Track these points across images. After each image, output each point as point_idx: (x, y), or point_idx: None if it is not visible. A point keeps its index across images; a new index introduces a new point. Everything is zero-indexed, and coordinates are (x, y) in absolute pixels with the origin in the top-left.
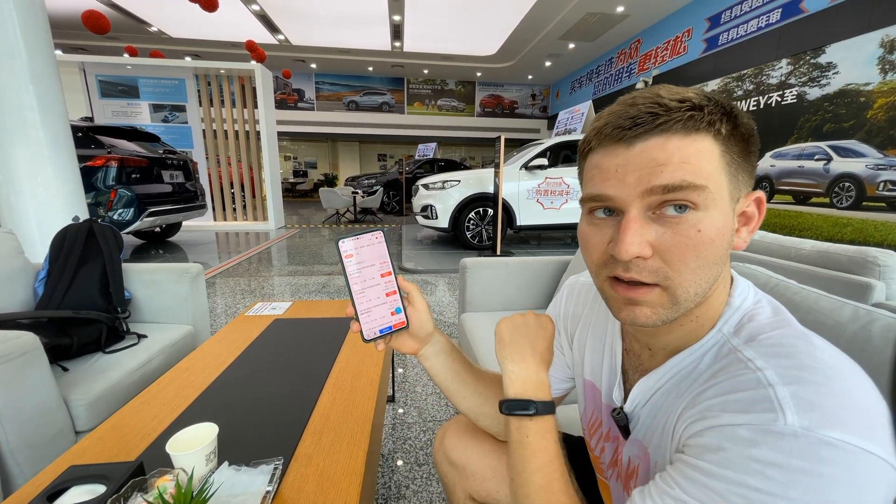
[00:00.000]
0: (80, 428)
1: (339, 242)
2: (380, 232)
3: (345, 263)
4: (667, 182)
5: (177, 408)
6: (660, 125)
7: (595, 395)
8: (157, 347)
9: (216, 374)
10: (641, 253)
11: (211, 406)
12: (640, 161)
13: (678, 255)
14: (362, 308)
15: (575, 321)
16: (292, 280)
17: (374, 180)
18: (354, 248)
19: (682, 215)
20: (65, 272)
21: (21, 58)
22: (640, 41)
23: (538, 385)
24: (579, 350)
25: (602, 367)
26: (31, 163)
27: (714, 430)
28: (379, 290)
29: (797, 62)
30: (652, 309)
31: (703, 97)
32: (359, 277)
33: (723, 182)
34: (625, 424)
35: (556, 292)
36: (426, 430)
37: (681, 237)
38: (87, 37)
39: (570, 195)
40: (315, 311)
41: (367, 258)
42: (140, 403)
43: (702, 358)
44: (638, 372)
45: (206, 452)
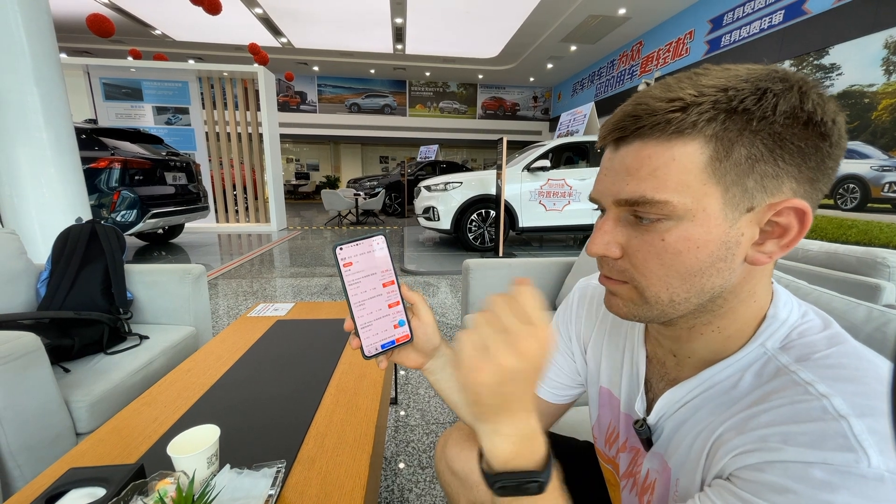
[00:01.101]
0: (81, 430)
1: (337, 249)
2: (381, 237)
3: (343, 273)
4: (627, 197)
5: (178, 409)
6: (638, 130)
7: (613, 405)
8: (158, 349)
9: (218, 376)
10: (606, 253)
11: (213, 408)
12: (617, 167)
13: (641, 260)
14: (362, 322)
15: (589, 327)
16: (294, 282)
17: (376, 182)
18: (354, 255)
19: (652, 223)
20: (67, 273)
21: (25, 59)
22: (641, 43)
23: (530, 439)
24: (594, 357)
25: (621, 374)
26: (35, 164)
27: (777, 465)
28: (381, 301)
29: (800, 64)
30: (624, 301)
31: (703, 92)
32: (358, 288)
33: (708, 191)
34: (647, 437)
35: (567, 295)
36: (429, 432)
37: (644, 244)
38: (91, 40)
39: (572, 197)
40: (317, 313)
41: (368, 266)
42: (141, 405)
43: (742, 374)
44: (664, 381)
45: (207, 455)
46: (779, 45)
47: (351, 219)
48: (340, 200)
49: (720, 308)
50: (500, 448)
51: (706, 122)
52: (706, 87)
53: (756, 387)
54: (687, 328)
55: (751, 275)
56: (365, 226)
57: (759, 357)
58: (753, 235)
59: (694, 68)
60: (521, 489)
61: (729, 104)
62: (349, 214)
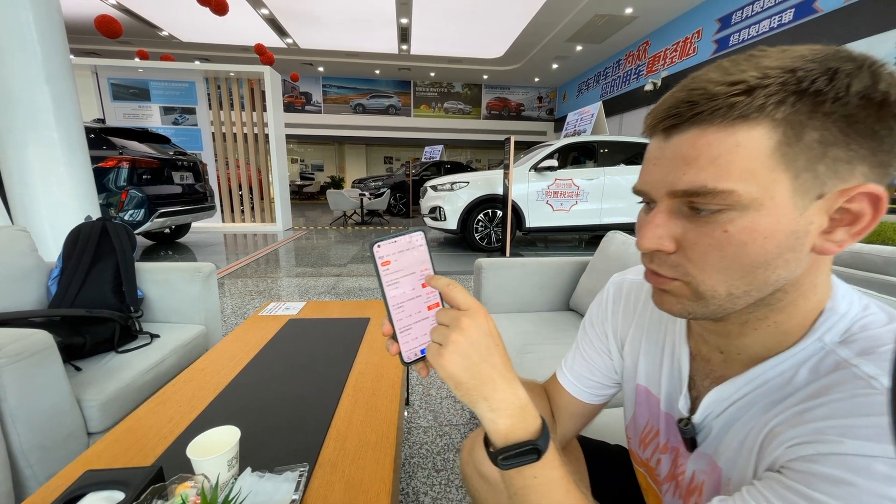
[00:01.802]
0: (93, 429)
1: (374, 246)
2: (421, 233)
3: (380, 272)
4: (685, 188)
5: (193, 409)
6: (696, 116)
7: (651, 403)
8: (169, 347)
9: (232, 375)
10: (659, 247)
11: (228, 408)
12: (670, 157)
13: (699, 254)
14: (401, 325)
15: (626, 323)
16: (301, 281)
17: (381, 182)
18: (392, 252)
19: (712, 214)
20: (78, 270)
21: (36, 58)
22: (648, 43)
23: (523, 411)
24: (632, 355)
25: (661, 372)
26: (45, 163)
27: (834, 458)
28: (420, 302)
29: None
30: (676, 299)
31: (768, 73)
32: (397, 288)
33: (776, 178)
34: (692, 437)
35: (600, 291)
36: (442, 434)
37: (703, 236)
38: (99, 41)
39: (579, 197)
40: (329, 312)
41: (407, 265)
42: (156, 404)
43: (797, 369)
44: (709, 379)
45: (228, 458)
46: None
47: (356, 219)
48: (346, 200)
49: (779, 302)
50: (497, 424)
51: (775, 105)
52: (770, 69)
53: (811, 381)
54: (739, 323)
55: (815, 266)
56: (370, 226)
57: (816, 352)
58: (822, 224)
59: (749, 50)
60: (521, 458)
61: (798, 85)
62: (354, 214)
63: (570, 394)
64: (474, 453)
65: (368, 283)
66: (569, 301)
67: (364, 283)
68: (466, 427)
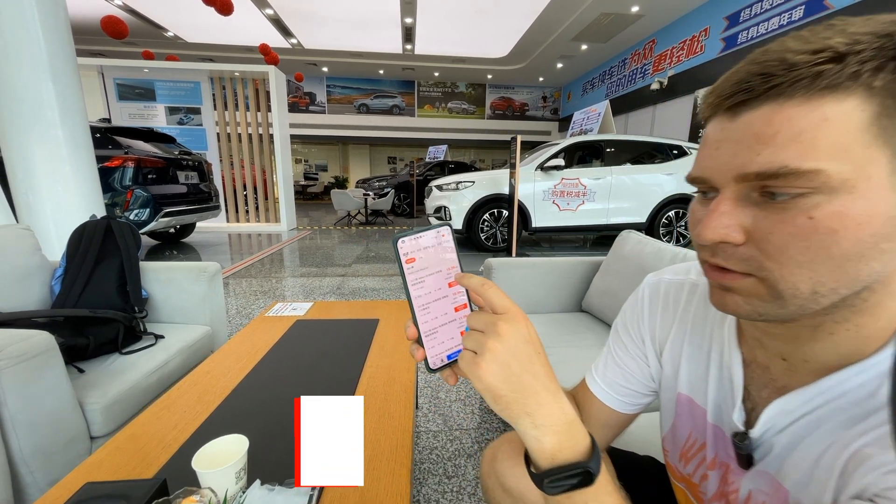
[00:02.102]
0: (96, 433)
1: (399, 242)
2: (447, 228)
3: (405, 270)
4: (760, 169)
5: (199, 415)
6: (772, 89)
7: (695, 414)
8: (174, 348)
9: (239, 379)
10: (726, 239)
11: (234, 414)
12: (740, 136)
13: (778, 246)
14: (427, 328)
15: (665, 327)
16: (306, 281)
17: (385, 182)
18: (417, 249)
19: (791, 199)
20: (82, 270)
21: (41, 56)
22: (654, 41)
23: (570, 428)
24: (672, 361)
25: (707, 380)
26: (50, 161)
27: None
28: (446, 303)
29: None
30: (745, 298)
31: (858, 39)
32: (422, 288)
33: (872, 156)
34: (748, 453)
35: (634, 293)
36: (453, 439)
37: (781, 224)
38: (105, 42)
39: (586, 196)
40: (337, 312)
41: (433, 262)
42: (159, 409)
43: (881, 381)
44: (768, 389)
45: (235, 469)
46: None
47: (360, 219)
48: (350, 200)
49: (864, 302)
50: (542, 443)
51: (871, 73)
52: (860, 35)
53: None
54: (811, 326)
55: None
56: (374, 226)
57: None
58: None
59: (824, 22)
60: (571, 482)
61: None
62: (358, 214)
63: (602, 402)
64: (497, 465)
65: (374, 284)
66: (581, 302)
67: (370, 284)
68: (477, 431)
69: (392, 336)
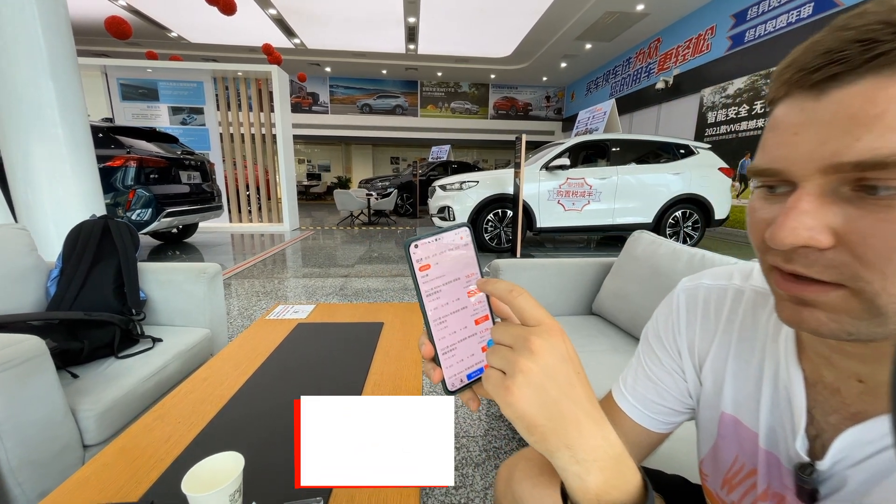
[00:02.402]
0: (90, 441)
1: (411, 247)
2: (466, 230)
3: (418, 279)
4: (862, 158)
5: (193, 426)
6: (875, 59)
7: (743, 437)
8: (172, 352)
9: (237, 387)
10: (810, 242)
11: (231, 426)
12: (829, 119)
13: (880, 252)
14: (444, 345)
15: (706, 339)
16: (308, 282)
17: (388, 182)
18: (432, 254)
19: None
20: (78, 271)
21: (41, 53)
22: (659, 40)
23: (618, 463)
24: (714, 377)
25: (759, 401)
26: (50, 160)
27: None
28: (465, 315)
29: None
30: (831, 315)
31: None
32: (438, 299)
33: None
34: (814, 487)
35: (666, 300)
36: (459, 447)
37: (885, 225)
38: (109, 43)
39: (592, 196)
40: (340, 315)
41: (450, 269)
42: (153, 420)
43: None
44: (838, 414)
45: (230, 492)
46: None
47: (363, 219)
48: (353, 200)
49: None
50: (586, 481)
51: None
52: None
53: None
54: None
55: None
56: (377, 226)
57: None
58: None
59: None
60: None
61: None
62: (361, 214)
63: (633, 420)
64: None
65: (377, 285)
66: (591, 305)
67: (373, 284)
68: (484, 439)
69: (397, 340)
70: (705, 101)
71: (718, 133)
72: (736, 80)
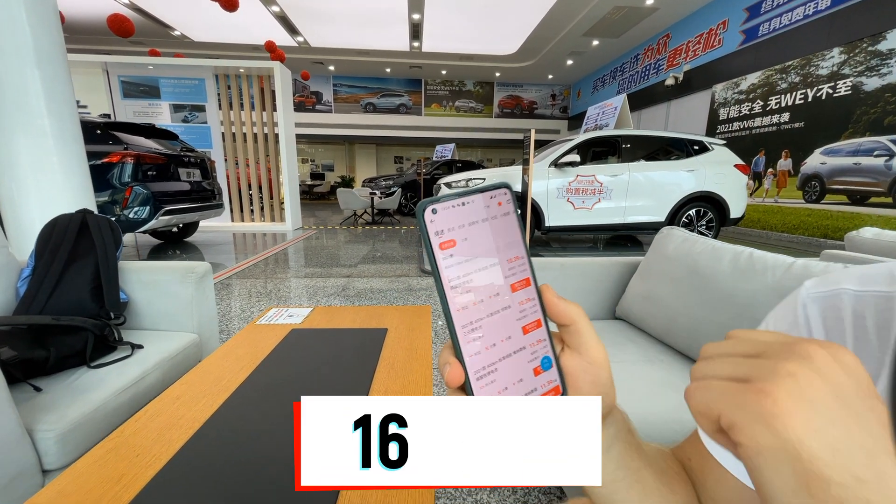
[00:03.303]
0: (50, 465)
1: (427, 212)
2: (505, 190)
3: (439, 262)
4: None
5: (154, 460)
6: None
7: None
8: (153, 360)
9: (215, 407)
10: None
11: (201, 460)
12: None
13: None
14: (479, 364)
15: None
16: (310, 282)
17: (392, 182)
18: (459, 224)
19: None
20: (51, 270)
21: (26, 38)
22: (669, 36)
23: None
24: None
25: None
26: (35, 153)
27: None
28: (509, 319)
29: (852, 50)
30: None
31: None
32: (467, 294)
33: None
34: None
35: (782, 312)
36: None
37: None
38: (112, 42)
39: (602, 194)
40: (339, 320)
41: (485, 248)
42: (106, 451)
43: None
44: None
45: None
46: (826, 32)
47: (367, 218)
48: (356, 199)
49: None
50: None
51: None
52: None
53: None
54: None
55: None
56: (380, 226)
57: None
58: None
59: None
60: None
61: None
62: (364, 214)
63: (733, 475)
64: None
65: (381, 285)
66: (615, 308)
67: (377, 285)
68: None
69: (403, 350)
70: (717, 97)
71: (731, 130)
72: (749, 76)
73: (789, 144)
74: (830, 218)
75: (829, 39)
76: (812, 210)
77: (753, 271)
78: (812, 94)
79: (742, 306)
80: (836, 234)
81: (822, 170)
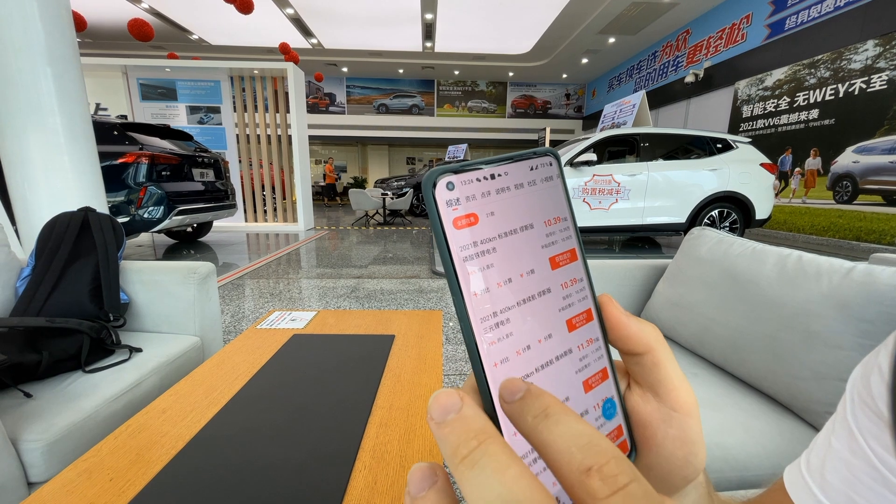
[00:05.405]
0: (36, 478)
1: (437, 186)
2: (551, 158)
3: (451, 245)
4: None
5: (128, 486)
6: None
7: None
8: (151, 365)
9: (203, 422)
10: None
11: (181, 485)
12: None
13: None
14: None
15: None
16: (320, 283)
17: (404, 182)
18: (481, 195)
19: None
20: (51, 270)
21: (38, 36)
22: (689, 31)
23: None
24: None
25: None
26: (47, 151)
27: None
28: (549, 308)
29: (888, 43)
30: None
31: None
32: (488, 267)
33: None
34: None
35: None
36: None
37: None
38: (132, 47)
39: (620, 194)
40: (344, 325)
41: (520, 240)
42: (76, 474)
43: None
44: None
45: None
46: (860, 24)
47: (378, 219)
48: (368, 200)
49: None
50: None
51: None
52: None
53: None
54: None
55: None
56: (392, 226)
57: None
58: None
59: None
60: None
61: None
62: (376, 214)
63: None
64: None
65: (391, 286)
66: (639, 314)
67: (387, 286)
68: None
69: (411, 360)
70: (740, 94)
71: (755, 127)
72: (775, 71)
73: (818, 142)
74: (864, 219)
75: (863, 32)
76: (843, 211)
77: (805, 277)
78: (843, 90)
79: (789, 316)
80: (869, 236)
81: (854, 169)
